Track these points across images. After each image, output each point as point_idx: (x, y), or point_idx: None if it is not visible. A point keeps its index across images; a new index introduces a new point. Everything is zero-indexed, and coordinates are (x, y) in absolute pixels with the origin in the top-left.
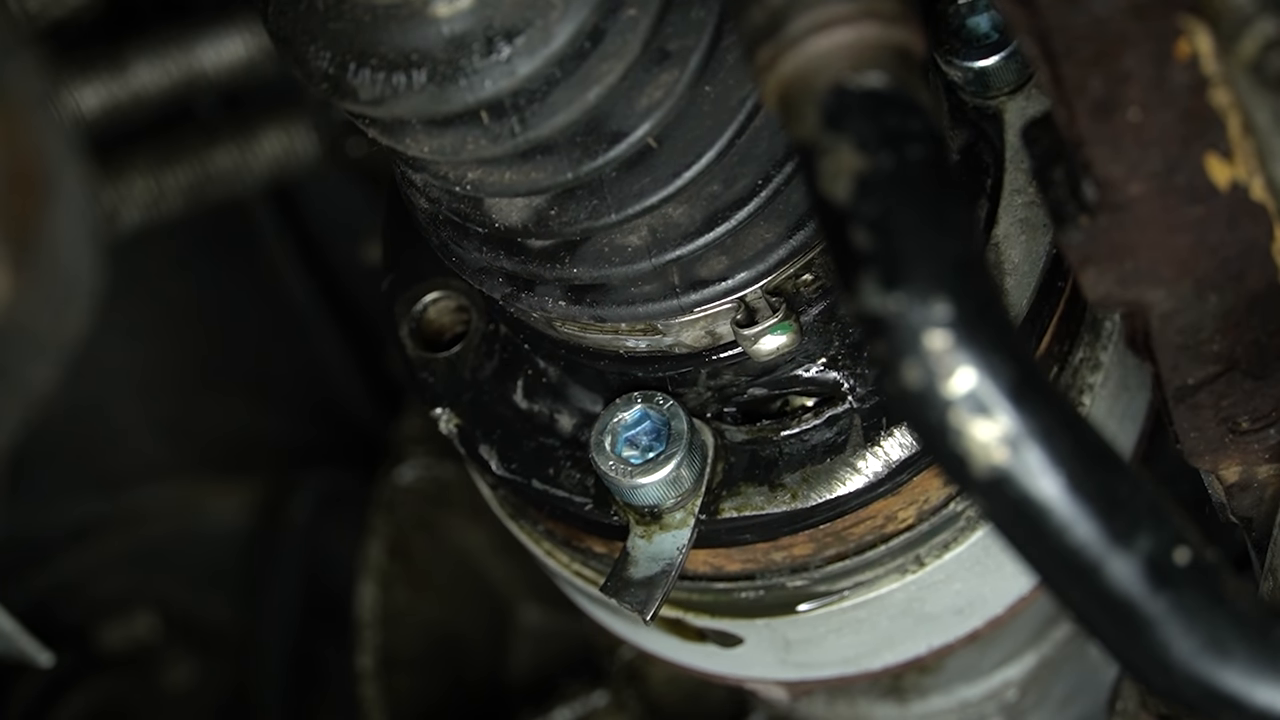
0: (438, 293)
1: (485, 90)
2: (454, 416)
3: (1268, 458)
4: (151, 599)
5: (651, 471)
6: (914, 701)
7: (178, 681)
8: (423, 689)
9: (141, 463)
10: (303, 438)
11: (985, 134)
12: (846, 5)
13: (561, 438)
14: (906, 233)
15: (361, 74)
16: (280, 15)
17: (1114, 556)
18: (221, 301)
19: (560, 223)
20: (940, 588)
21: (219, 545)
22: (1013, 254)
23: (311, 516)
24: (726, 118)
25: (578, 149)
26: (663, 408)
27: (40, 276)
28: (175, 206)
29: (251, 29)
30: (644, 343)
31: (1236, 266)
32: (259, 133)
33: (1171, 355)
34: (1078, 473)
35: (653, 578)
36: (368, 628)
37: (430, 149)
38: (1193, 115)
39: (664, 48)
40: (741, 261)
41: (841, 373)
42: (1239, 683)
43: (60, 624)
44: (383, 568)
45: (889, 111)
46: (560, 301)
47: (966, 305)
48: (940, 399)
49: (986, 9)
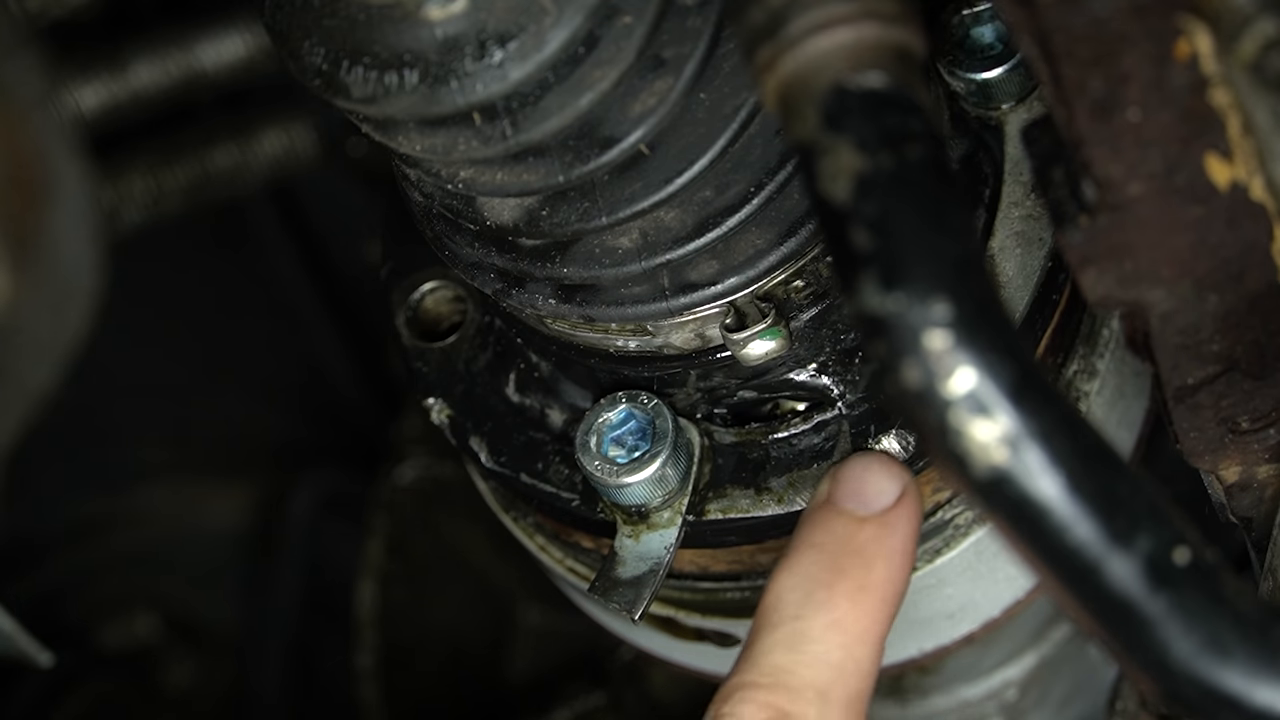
0: (435, 282)
1: (477, 93)
2: (446, 407)
3: (1268, 458)
4: (151, 599)
5: (636, 471)
6: (914, 701)
7: (177, 681)
8: (422, 689)
9: (141, 463)
10: (303, 438)
11: (986, 144)
12: (846, 5)
13: (551, 433)
14: (906, 233)
15: (354, 72)
16: (277, 10)
17: (1114, 556)
18: (221, 301)
19: (551, 223)
20: (931, 592)
21: (219, 545)
22: (1007, 267)
23: (311, 516)
24: (720, 125)
25: (570, 153)
26: (647, 407)
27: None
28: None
29: (251, 28)
30: (634, 343)
31: (1236, 266)
32: (259, 133)
33: (1171, 355)
34: (1077, 473)
35: (640, 577)
36: (367, 627)
37: (422, 148)
38: (1193, 115)
39: (659, 55)
40: (732, 267)
41: (832, 379)
42: (1239, 683)
43: (60, 624)
44: (382, 567)
45: (889, 111)
46: (550, 300)
47: (966, 305)
48: (940, 399)
49: (991, 20)
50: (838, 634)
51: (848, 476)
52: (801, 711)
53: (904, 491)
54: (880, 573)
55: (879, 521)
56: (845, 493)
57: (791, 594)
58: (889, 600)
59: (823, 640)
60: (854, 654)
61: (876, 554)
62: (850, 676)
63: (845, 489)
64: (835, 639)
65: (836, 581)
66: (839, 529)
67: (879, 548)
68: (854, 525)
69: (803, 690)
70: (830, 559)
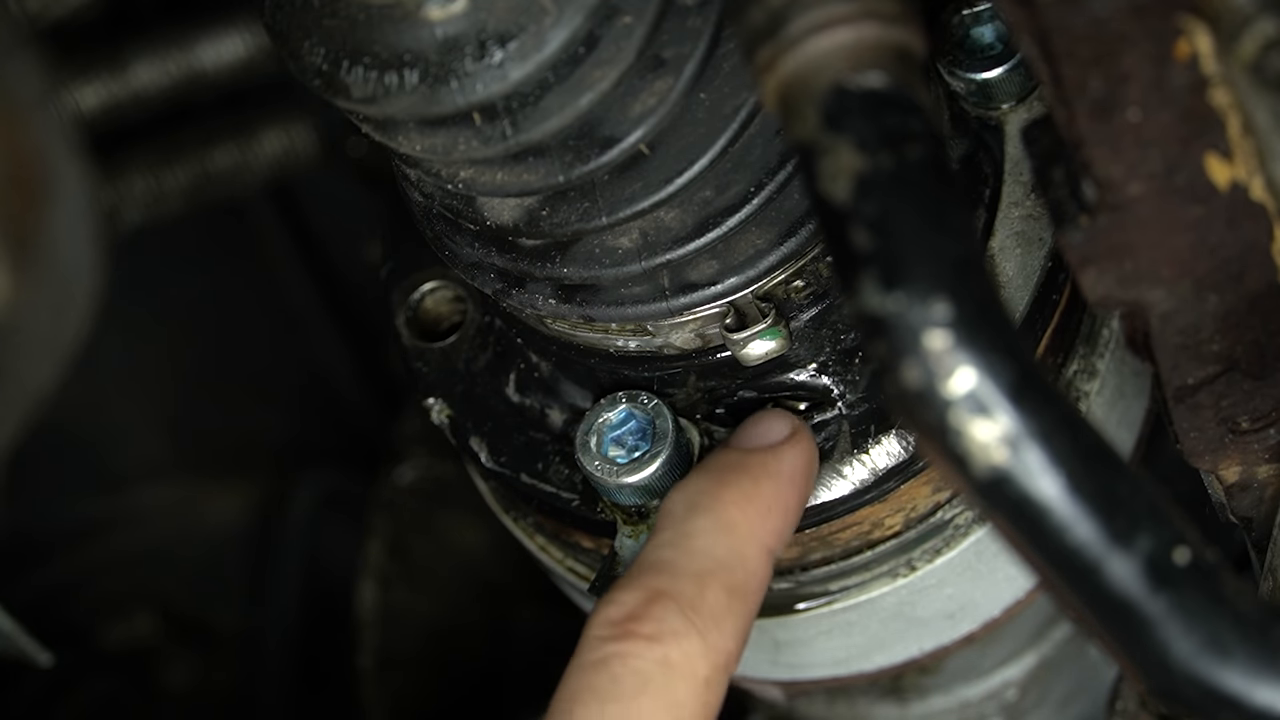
0: (435, 282)
1: (477, 93)
2: (446, 407)
3: (1268, 458)
4: (151, 599)
5: (637, 471)
6: (914, 701)
7: (178, 681)
8: (423, 689)
9: (141, 463)
10: (303, 438)
11: (986, 144)
12: (846, 5)
13: (552, 433)
14: (906, 233)
15: (354, 72)
16: (277, 9)
17: (1114, 556)
18: (221, 301)
19: (551, 223)
20: (931, 592)
21: (219, 545)
22: (1007, 267)
23: (311, 516)
24: (720, 125)
25: (570, 153)
26: (647, 407)
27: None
28: (175, 206)
29: (251, 29)
30: (634, 343)
31: (1236, 266)
32: (259, 132)
33: (1171, 355)
34: (1077, 473)
35: None
36: (368, 627)
37: (422, 147)
38: (1193, 115)
39: (659, 55)
40: (732, 267)
41: (831, 379)
42: (1239, 683)
43: (60, 624)
44: (382, 567)
45: (889, 111)
46: (550, 300)
47: (966, 305)
48: (940, 399)
49: (991, 20)
50: (723, 533)
51: (743, 425)
52: (679, 589)
53: (794, 431)
54: (767, 489)
55: (766, 449)
56: (737, 436)
57: (678, 505)
58: (775, 513)
59: (706, 535)
60: (739, 551)
61: (762, 473)
62: (735, 570)
63: (739, 434)
64: (720, 537)
65: (722, 491)
66: (730, 458)
67: (764, 469)
68: (742, 452)
69: (681, 574)
70: (718, 474)
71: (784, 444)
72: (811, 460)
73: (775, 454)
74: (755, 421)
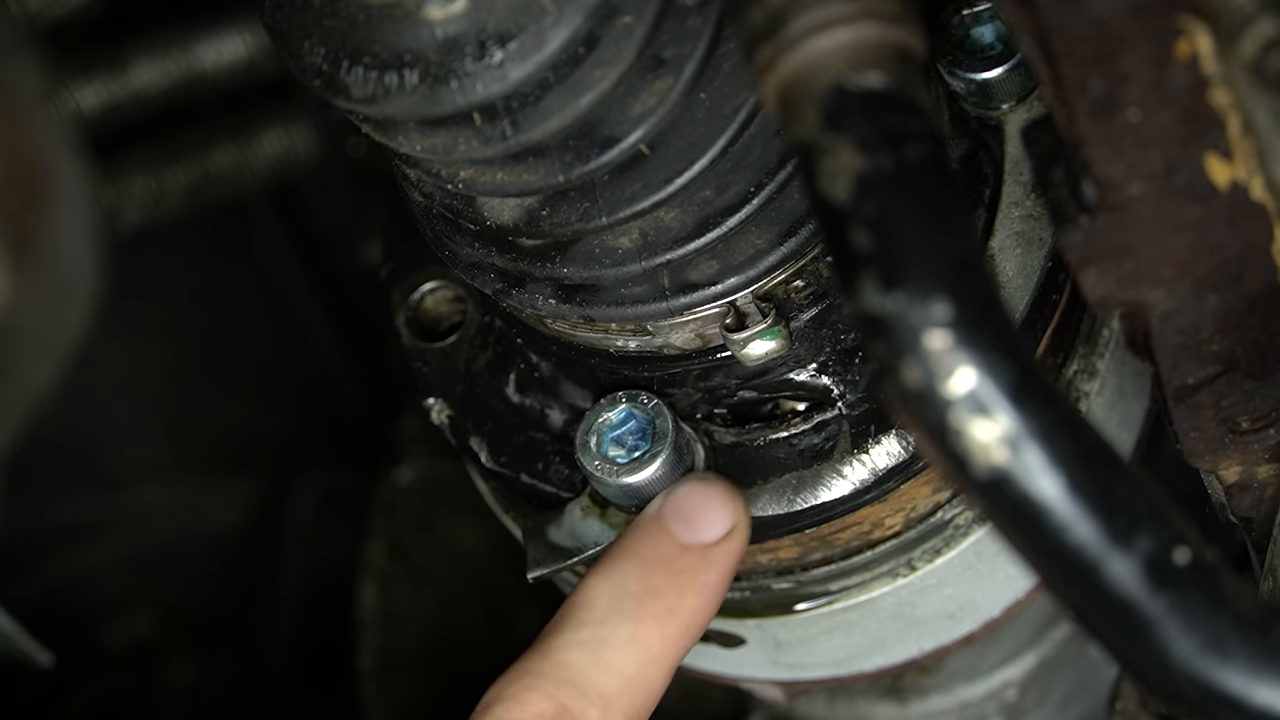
0: (435, 282)
1: (477, 93)
2: (446, 407)
3: (1268, 458)
4: (151, 599)
5: (637, 470)
6: (914, 701)
7: (177, 681)
8: (423, 689)
9: (141, 463)
10: (302, 438)
11: (986, 144)
12: (846, 5)
13: (551, 433)
14: (906, 233)
15: (354, 72)
16: (277, 9)
17: (1114, 556)
18: (221, 301)
19: (551, 223)
20: (931, 592)
21: (219, 545)
22: (1007, 267)
23: (311, 516)
24: (720, 125)
25: (570, 153)
26: (647, 407)
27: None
28: (175, 206)
29: (251, 29)
30: (634, 343)
31: (1236, 266)
32: (259, 133)
33: (1171, 355)
34: (1078, 473)
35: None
36: (368, 628)
37: (422, 147)
38: (1193, 115)
39: (659, 55)
40: (732, 267)
41: (832, 379)
42: (1239, 683)
43: (60, 624)
44: (382, 568)
45: (889, 111)
46: (550, 300)
47: (966, 305)
48: (940, 399)
49: (991, 20)
50: (637, 649)
51: (684, 497)
52: (583, 711)
53: (733, 528)
54: (690, 602)
55: (701, 553)
56: (677, 513)
57: (602, 598)
58: (692, 630)
59: (621, 651)
60: (647, 671)
61: (690, 584)
62: (638, 692)
63: (678, 509)
64: (633, 653)
65: (648, 599)
66: (663, 547)
67: (694, 579)
68: (677, 549)
69: (590, 693)
70: (647, 574)
71: (722, 545)
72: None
73: (708, 561)
74: (699, 500)
